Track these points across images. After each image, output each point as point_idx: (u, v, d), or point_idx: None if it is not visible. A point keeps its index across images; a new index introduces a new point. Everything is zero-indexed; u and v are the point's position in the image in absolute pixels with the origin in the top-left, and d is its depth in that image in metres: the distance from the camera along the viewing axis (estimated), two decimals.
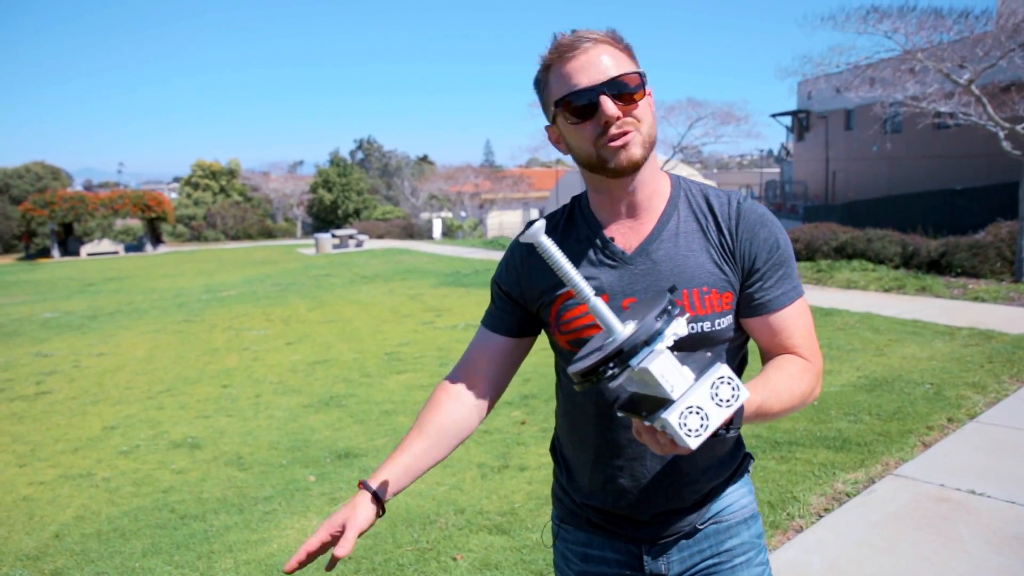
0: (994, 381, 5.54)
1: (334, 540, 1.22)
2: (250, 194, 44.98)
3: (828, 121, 25.91)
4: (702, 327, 1.24)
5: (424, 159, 66.33)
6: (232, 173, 45.54)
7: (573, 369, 1.01)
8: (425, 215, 39.38)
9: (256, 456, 4.80)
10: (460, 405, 1.37)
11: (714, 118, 20.05)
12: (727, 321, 1.26)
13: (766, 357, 1.31)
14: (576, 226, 1.34)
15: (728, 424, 1.03)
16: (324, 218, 41.44)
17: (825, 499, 3.58)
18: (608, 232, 1.29)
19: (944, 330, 7.53)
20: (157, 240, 34.54)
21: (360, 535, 1.22)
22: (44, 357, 8.88)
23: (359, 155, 69.56)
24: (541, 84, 1.27)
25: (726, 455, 1.39)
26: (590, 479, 1.37)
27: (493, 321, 1.42)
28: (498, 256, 20.05)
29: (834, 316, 8.39)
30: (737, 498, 1.40)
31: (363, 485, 1.26)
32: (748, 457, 1.46)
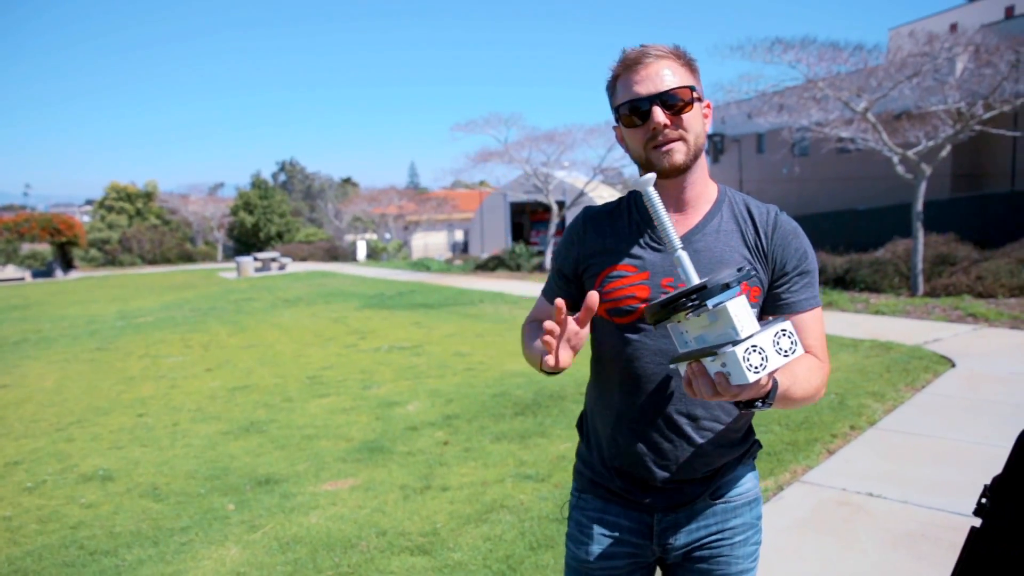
0: (891, 390, 5.89)
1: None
2: (168, 217, 43.61)
3: (741, 144, 27.00)
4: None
5: (348, 181, 65.68)
6: (149, 196, 44.09)
7: (655, 302, 1.15)
8: (349, 237, 39.01)
9: (172, 486, 4.66)
10: None
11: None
12: (754, 313, 1.38)
13: None
14: (629, 213, 1.50)
15: (764, 397, 1.18)
16: (246, 241, 40.51)
17: None
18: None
19: (848, 342, 7.95)
20: (68, 265, 33.01)
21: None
22: None
23: (281, 177, 68.38)
24: (610, 90, 1.45)
25: (738, 437, 1.52)
26: (610, 441, 1.50)
27: (550, 292, 1.60)
28: (423, 277, 20.08)
29: None
30: (745, 480, 1.55)
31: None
32: (757, 443, 1.60)
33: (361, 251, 32.48)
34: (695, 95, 1.39)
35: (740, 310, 1.08)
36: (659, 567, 1.61)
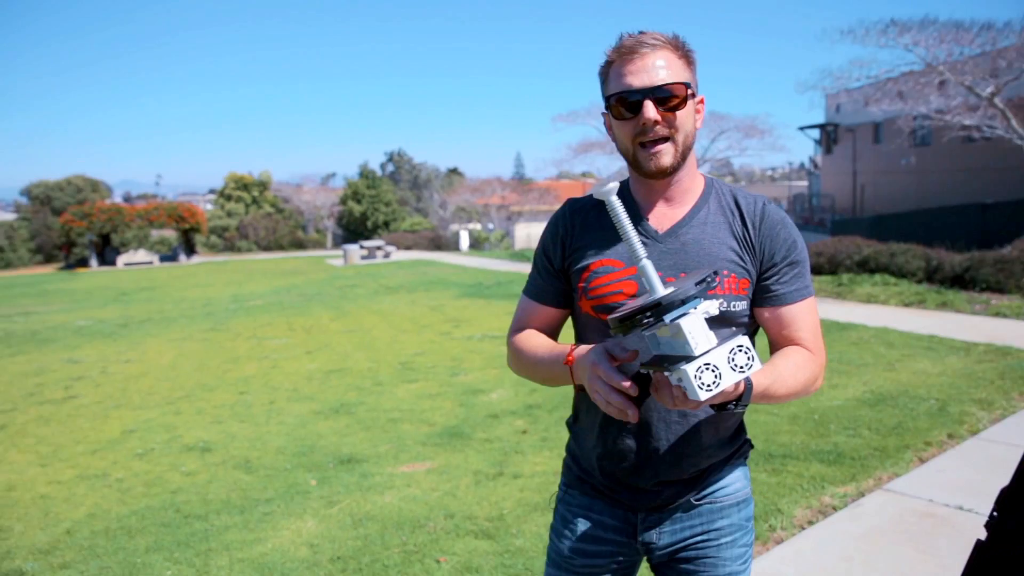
0: (1002, 398, 5.50)
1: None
2: (282, 206, 45.73)
3: (856, 134, 25.67)
4: (718, 306, 1.35)
5: (454, 171, 66.77)
6: (263, 185, 46.34)
7: (614, 316, 1.15)
8: (453, 227, 39.69)
9: (263, 460, 4.95)
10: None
11: (737, 131, 20.02)
12: (742, 305, 1.40)
13: (774, 348, 1.44)
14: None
15: (738, 399, 1.20)
16: (353, 229, 41.97)
17: (810, 512, 3.61)
18: (644, 214, 1.43)
19: (960, 346, 7.46)
20: (191, 250, 35.28)
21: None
22: (75, 363, 9.17)
23: (389, 167, 70.29)
24: (603, 77, 1.40)
25: (727, 437, 1.50)
26: (597, 442, 1.48)
27: (536, 291, 1.55)
28: (522, 267, 20.18)
29: (849, 331, 8.35)
30: (733, 481, 1.52)
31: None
32: (748, 443, 1.58)
33: (464, 241, 33.01)
34: (689, 91, 1.35)
35: (695, 326, 1.08)
36: (650, 566, 1.59)
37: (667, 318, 1.08)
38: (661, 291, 1.13)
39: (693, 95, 1.37)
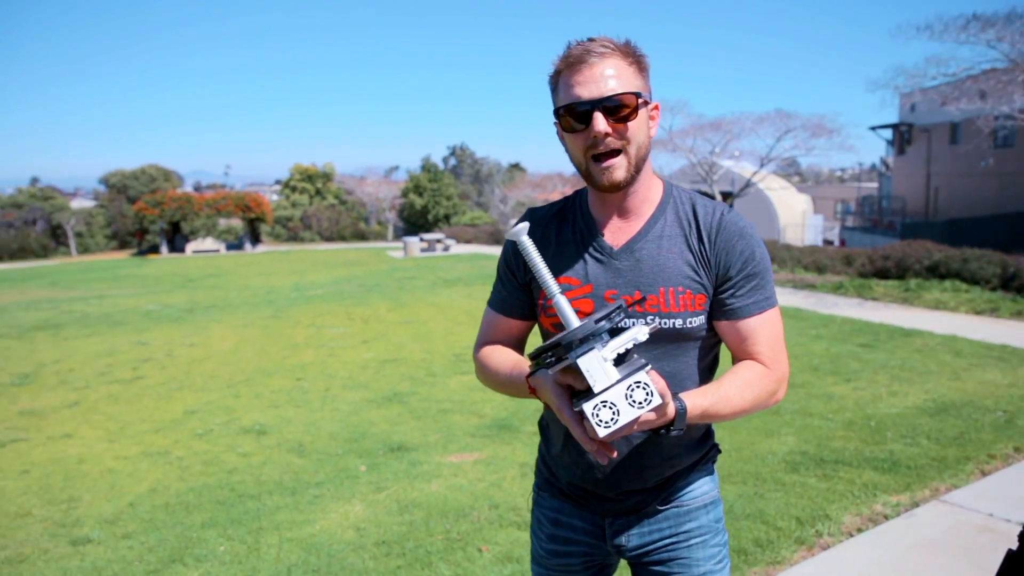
0: None
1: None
2: (344, 197, 46.58)
3: (931, 135, 24.70)
4: (674, 323, 1.36)
5: (515, 166, 66.90)
6: (327, 176, 47.26)
7: (530, 354, 1.18)
8: (513, 222, 39.81)
9: (315, 445, 5.08)
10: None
11: (804, 130, 19.50)
12: (699, 320, 1.38)
13: (734, 361, 1.42)
14: (573, 218, 1.46)
15: (668, 425, 1.21)
16: (414, 222, 42.45)
17: (860, 519, 3.53)
18: (600, 228, 1.41)
19: None
20: (256, 239, 36.27)
21: None
22: (143, 345, 9.56)
23: (452, 161, 70.84)
24: (552, 87, 1.37)
25: (692, 445, 1.49)
26: (563, 450, 1.49)
27: (501, 303, 1.54)
28: None
29: (915, 337, 8.07)
30: (699, 485, 1.51)
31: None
32: (714, 448, 1.57)
33: None
34: (641, 100, 1.30)
35: (592, 365, 1.09)
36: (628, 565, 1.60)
37: (570, 356, 1.10)
38: (573, 326, 1.15)
39: (646, 103, 1.33)
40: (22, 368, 8.36)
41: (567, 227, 1.45)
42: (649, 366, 1.13)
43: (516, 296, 1.51)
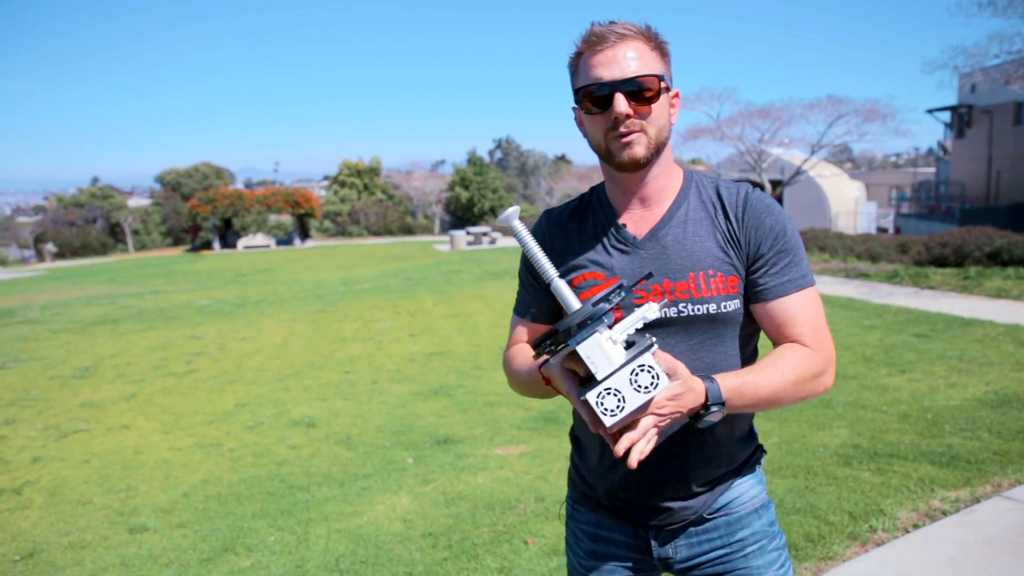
0: None
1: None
2: (392, 192, 47.06)
3: (993, 116, 23.79)
4: (708, 308, 1.29)
5: (561, 158, 66.65)
6: (374, 171, 47.77)
7: (532, 343, 1.14)
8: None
9: (363, 437, 5.14)
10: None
11: (857, 115, 18.97)
12: (734, 304, 1.31)
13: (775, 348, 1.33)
14: (592, 212, 1.41)
15: (703, 407, 1.15)
16: (461, 216, 42.67)
17: (917, 515, 3.42)
18: (621, 219, 1.36)
19: None
20: (305, 235, 36.88)
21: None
22: (196, 339, 9.80)
23: (497, 154, 70.90)
24: (572, 69, 1.33)
25: (735, 447, 1.41)
26: (599, 461, 1.42)
27: (524, 307, 1.49)
28: None
29: (974, 327, 7.80)
30: (746, 489, 1.43)
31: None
32: (760, 449, 1.49)
33: None
34: (663, 84, 1.27)
35: (593, 351, 1.05)
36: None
37: (571, 343, 1.06)
38: (576, 306, 1.11)
39: (667, 88, 1.29)
40: (83, 362, 8.65)
41: (587, 223, 1.40)
42: (655, 346, 1.08)
43: (537, 298, 1.46)
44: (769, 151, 22.00)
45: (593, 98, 1.26)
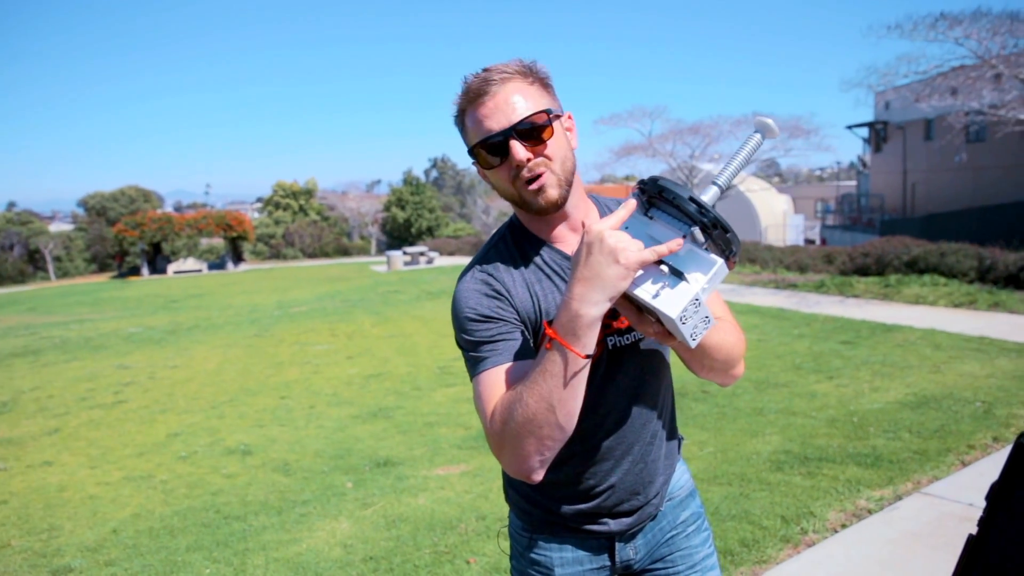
0: None
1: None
2: (327, 213, 46.49)
3: (906, 132, 25.02)
4: (634, 336, 1.34)
5: None
6: (309, 192, 47.15)
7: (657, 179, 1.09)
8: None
9: (301, 463, 5.05)
10: None
11: (782, 131, 19.66)
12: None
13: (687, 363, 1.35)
14: (521, 250, 1.35)
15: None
16: (398, 236, 42.41)
17: (844, 515, 3.55)
18: (556, 244, 1.34)
19: (1012, 347, 7.22)
20: (238, 258, 36.05)
21: None
22: (124, 369, 9.47)
23: (433, 174, 70.90)
24: (459, 127, 1.30)
25: (675, 437, 1.53)
26: (569, 481, 1.39)
27: (509, 351, 1.26)
28: None
29: (895, 332, 8.15)
30: (682, 474, 1.54)
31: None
32: (681, 438, 1.60)
33: None
34: (552, 115, 1.24)
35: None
36: None
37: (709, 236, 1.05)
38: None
39: (558, 116, 1.27)
40: None
41: (531, 265, 1.33)
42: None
43: (512, 337, 1.27)
44: (700, 167, 22.60)
45: (489, 150, 1.24)
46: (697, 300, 1.03)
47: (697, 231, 1.04)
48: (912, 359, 6.78)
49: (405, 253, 28.11)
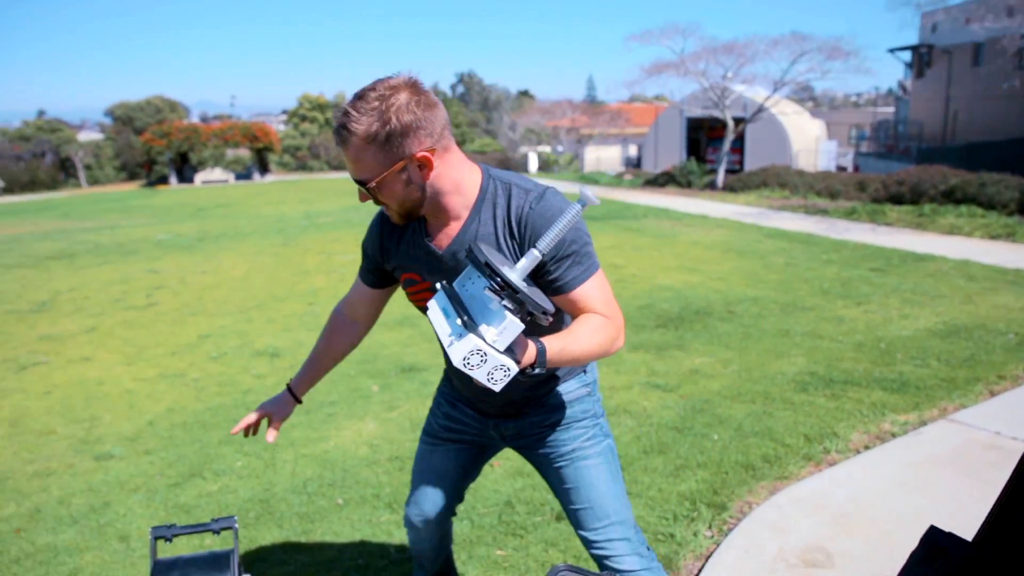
0: None
1: (260, 421, 1.91)
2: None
3: (952, 56, 23.93)
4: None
5: (524, 93, 65.76)
6: (337, 106, 46.53)
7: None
8: (522, 149, 39.34)
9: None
10: (344, 337, 1.90)
11: (820, 53, 18.92)
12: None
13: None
14: (415, 224, 1.59)
15: (532, 365, 1.33)
16: None
17: (868, 437, 3.57)
18: (430, 231, 1.55)
19: None
20: (264, 169, 36.04)
21: (282, 422, 1.89)
22: (155, 273, 9.63)
23: (460, 89, 69.61)
24: None
25: (557, 380, 1.74)
26: (459, 381, 1.81)
27: (364, 276, 1.79)
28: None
29: (927, 262, 8.02)
30: (567, 386, 1.74)
31: (288, 388, 1.91)
32: (590, 370, 1.80)
33: (532, 163, 32.75)
34: (377, 179, 1.40)
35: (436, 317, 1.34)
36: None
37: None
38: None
39: (391, 172, 1.40)
40: (39, 296, 8.46)
41: (408, 230, 1.60)
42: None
43: (371, 271, 1.77)
44: (732, 88, 21.89)
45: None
46: (480, 351, 1.21)
47: (488, 292, 1.22)
48: (944, 289, 6.68)
49: None
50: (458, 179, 1.48)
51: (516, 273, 1.24)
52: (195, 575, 1.95)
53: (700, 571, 2.56)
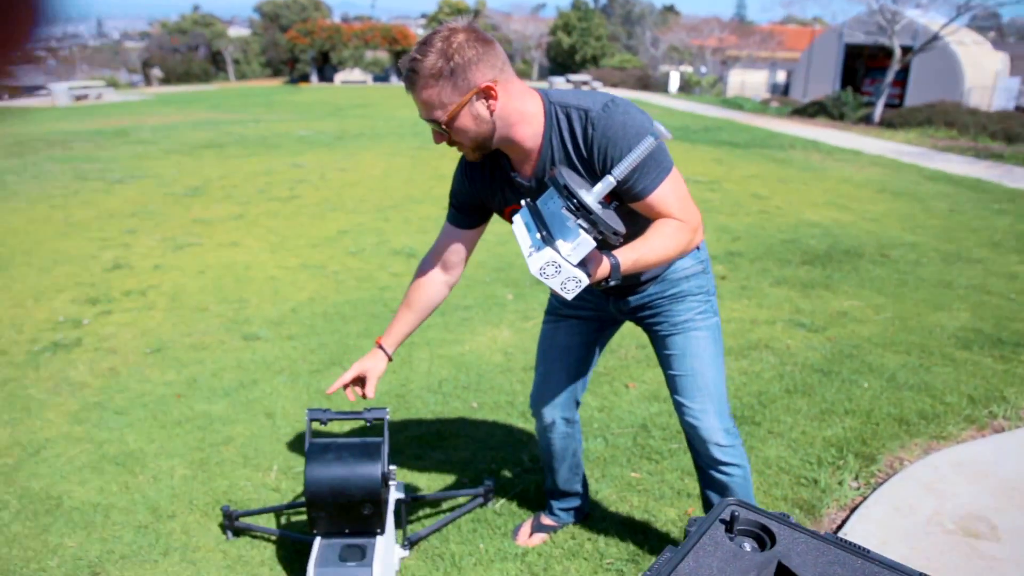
0: None
1: (359, 381, 1.95)
2: (491, 34, 45.49)
3: None
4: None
5: (669, 9, 62.73)
6: (477, 12, 46.02)
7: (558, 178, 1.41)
8: (663, 67, 37.71)
9: (464, 271, 5.18)
10: (435, 290, 1.92)
11: None
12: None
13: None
14: (498, 161, 1.70)
15: (607, 278, 1.45)
16: (562, 62, 41.10)
17: None
18: (514, 164, 1.66)
19: None
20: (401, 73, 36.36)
21: (377, 380, 1.93)
22: (297, 168, 9.98)
23: (602, 0, 67.11)
24: None
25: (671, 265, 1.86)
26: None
27: (456, 220, 1.87)
28: (734, 116, 18.99)
29: None
30: (683, 262, 1.83)
31: (378, 344, 1.92)
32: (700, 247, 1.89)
33: (673, 83, 31.33)
34: (450, 110, 1.47)
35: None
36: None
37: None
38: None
39: (463, 104, 1.47)
40: (193, 181, 8.97)
41: (496, 165, 1.70)
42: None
43: (464, 212, 1.87)
44: (904, 13, 19.88)
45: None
46: (555, 263, 1.31)
47: (566, 211, 1.30)
48: None
49: (568, 80, 27.33)
50: (522, 108, 1.56)
51: (591, 196, 1.33)
52: (348, 460, 2.02)
53: (844, 522, 2.43)
